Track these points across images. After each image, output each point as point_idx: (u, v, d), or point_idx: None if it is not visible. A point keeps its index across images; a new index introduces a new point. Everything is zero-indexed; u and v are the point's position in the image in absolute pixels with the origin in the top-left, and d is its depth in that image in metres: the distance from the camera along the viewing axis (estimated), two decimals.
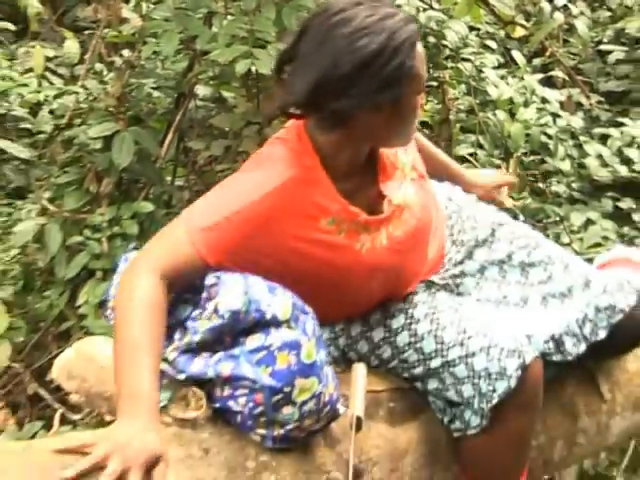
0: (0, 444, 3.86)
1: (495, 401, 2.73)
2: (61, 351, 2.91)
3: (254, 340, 2.51)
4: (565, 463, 3.40)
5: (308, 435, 2.61)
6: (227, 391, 2.53)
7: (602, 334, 3.00)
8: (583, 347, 2.97)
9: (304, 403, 2.52)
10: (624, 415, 3.30)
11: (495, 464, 2.85)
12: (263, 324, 2.51)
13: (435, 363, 2.82)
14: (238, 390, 2.51)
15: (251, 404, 2.50)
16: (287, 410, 2.51)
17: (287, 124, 2.78)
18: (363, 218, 2.74)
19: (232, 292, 2.49)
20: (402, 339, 2.88)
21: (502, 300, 3.05)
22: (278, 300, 2.53)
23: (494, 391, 2.73)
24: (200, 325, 2.50)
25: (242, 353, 2.49)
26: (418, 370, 2.87)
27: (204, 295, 2.51)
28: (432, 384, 2.87)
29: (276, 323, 2.51)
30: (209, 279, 2.51)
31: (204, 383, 2.54)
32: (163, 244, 2.56)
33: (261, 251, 2.59)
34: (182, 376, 2.52)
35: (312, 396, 2.52)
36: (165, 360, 2.51)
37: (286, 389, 2.48)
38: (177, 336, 2.53)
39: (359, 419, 2.60)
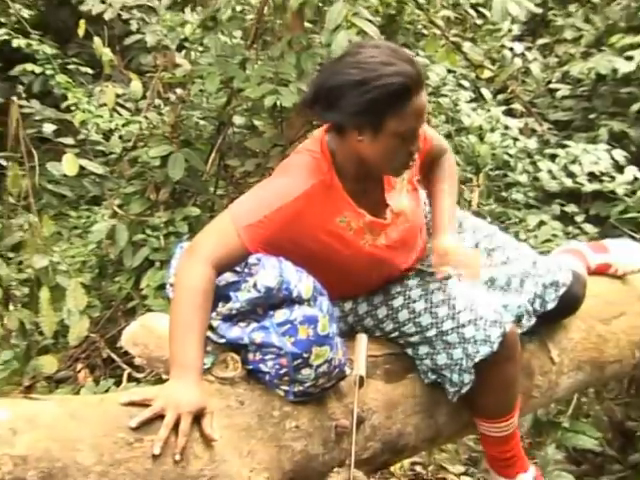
0: (81, 397, 3.86)
1: (477, 359, 2.77)
2: (128, 324, 2.90)
3: (281, 315, 2.53)
4: (523, 412, 3.39)
5: (321, 391, 2.62)
6: (258, 356, 2.54)
7: (550, 306, 3.06)
8: (534, 320, 3.02)
9: (319, 366, 2.53)
10: (570, 374, 3.28)
11: (495, 405, 2.91)
12: (289, 301, 2.53)
13: (430, 333, 2.83)
14: (267, 355, 2.52)
15: (277, 366, 2.52)
16: (305, 371, 2.52)
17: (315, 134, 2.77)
18: (368, 219, 2.72)
19: (269, 272, 2.51)
20: (402, 315, 2.88)
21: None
22: (303, 283, 2.55)
23: (477, 352, 2.76)
24: (241, 295, 2.52)
25: (271, 325, 2.52)
26: (414, 338, 2.87)
27: (246, 271, 2.53)
28: (424, 349, 2.87)
29: (300, 301, 2.53)
30: (251, 259, 2.53)
31: (240, 349, 2.56)
32: (214, 237, 2.56)
33: (291, 240, 2.58)
34: (223, 340, 2.55)
35: (325, 361, 2.53)
36: (210, 327, 2.54)
37: (305, 355, 2.50)
38: (220, 305, 2.54)
39: (362, 378, 2.61)
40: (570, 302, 3.18)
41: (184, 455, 2.27)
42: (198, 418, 2.33)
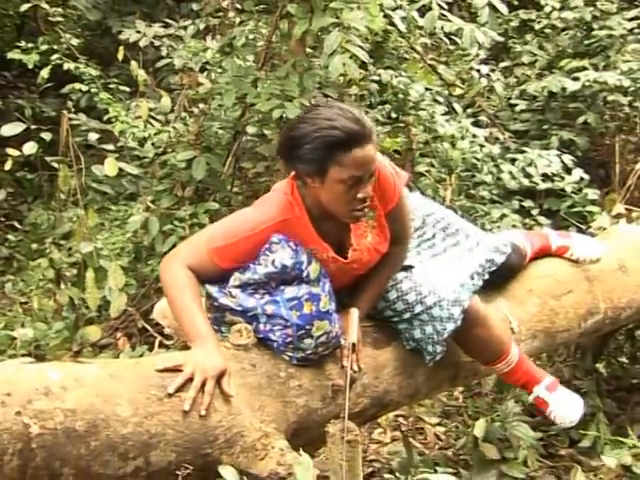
0: (120, 360, 3.85)
1: (445, 335, 2.81)
2: (159, 300, 2.89)
3: (290, 291, 2.54)
4: (488, 373, 3.39)
5: (320, 358, 2.62)
6: (268, 326, 2.55)
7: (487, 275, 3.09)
8: (481, 282, 3.05)
9: (319, 337, 2.55)
10: (526, 342, 3.28)
11: (484, 355, 3.03)
12: (299, 279, 2.54)
13: (406, 315, 2.84)
14: (275, 326, 2.53)
15: (284, 336, 2.52)
16: (307, 341, 2.53)
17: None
18: (331, 255, 2.68)
19: (287, 252, 2.53)
20: (381, 304, 2.87)
21: (435, 260, 3.05)
22: (312, 265, 2.57)
23: (444, 329, 2.79)
24: (259, 268, 2.53)
25: (281, 300, 2.53)
26: (394, 319, 2.88)
27: (266, 246, 2.54)
28: (402, 326, 2.88)
29: (307, 281, 2.55)
30: (274, 238, 2.54)
31: (252, 321, 2.56)
32: (191, 249, 2.61)
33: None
34: (240, 308, 2.56)
35: (324, 332, 2.55)
36: (230, 295, 2.56)
37: (308, 327, 2.52)
38: (237, 273, 2.56)
39: (354, 344, 2.61)
40: (508, 267, 3.21)
41: (208, 410, 2.30)
42: (218, 378, 2.35)
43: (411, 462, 3.43)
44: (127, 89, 6.65)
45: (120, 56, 6.28)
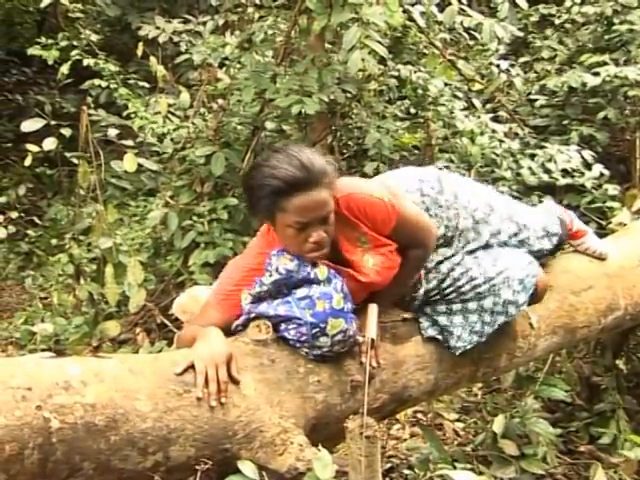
0: (139, 355, 3.87)
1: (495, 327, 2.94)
2: (178, 295, 2.90)
3: (301, 291, 2.54)
4: (507, 369, 3.38)
5: (337, 355, 2.61)
6: (283, 326, 2.55)
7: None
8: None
9: (334, 335, 2.53)
10: (546, 338, 3.25)
11: None
12: (308, 281, 2.54)
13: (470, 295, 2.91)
14: (290, 325, 2.52)
15: (298, 334, 2.53)
16: (323, 339, 2.52)
17: None
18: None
19: (287, 258, 2.54)
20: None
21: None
22: (318, 267, 2.57)
23: (495, 321, 2.94)
24: (265, 279, 2.56)
25: (293, 300, 2.53)
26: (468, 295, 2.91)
27: (268, 260, 2.57)
28: (442, 306, 2.95)
29: (317, 282, 2.55)
30: (272, 252, 2.57)
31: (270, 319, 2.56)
32: (201, 317, 2.68)
33: None
34: (252, 314, 2.57)
35: (340, 331, 2.53)
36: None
37: (322, 325, 2.51)
38: (246, 291, 2.60)
39: (373, 340, 2.60)
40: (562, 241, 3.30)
41: (226, 401, 2.32)
42: (228, 363, 2.39)
43: (440, 451, 3.38)
44: (146, 85, 6.68)
45: (139, 52, 6.31)
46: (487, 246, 3.00)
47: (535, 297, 3.00)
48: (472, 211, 3.00)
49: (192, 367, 2.34)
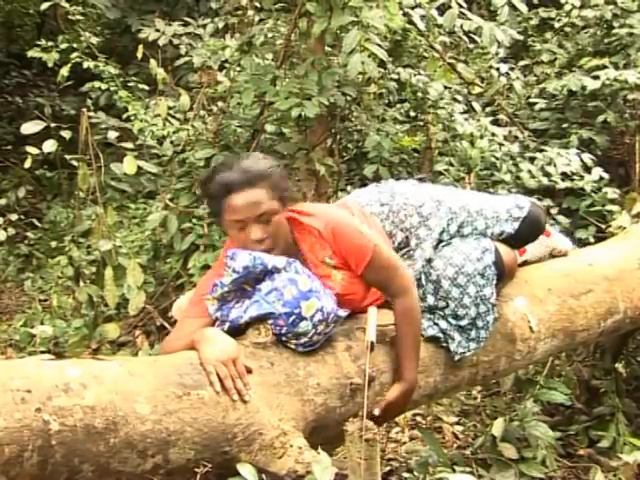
0: (138, 358, 3.87)
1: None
2: (177, 298, 2.90)
3: (266, 286, 2.56)
4: (506, 372, 3.38)
5: (326, 337, 2.63)
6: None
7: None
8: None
9: (313, 316, 2.53)
10: (545, 341, 3.26)
11: None
12: (268, 273, 2.57)
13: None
14: (268, 322, 2.54)
15: (277, 327, 2.54)
16: (303, 324, 2.53)
17: None
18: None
19: (242, 256, 2.57)
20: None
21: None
22: (274, 257, 2.60)
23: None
24: (224, 279, 2.59)
25: (260, 297, 2.55)
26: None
27: (226, 261, 2.60)
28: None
29: (277, 270, 2.57)
30: (229, 252, 2.61)
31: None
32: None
33: None
34: (227, 325, 2.60)
35: (317, 310, 2.54)
36: (215, 319, 2.63)
37: (296, 311, 2.52)
38: (210, 296, 2.63)
39: (372, 343, 2.59)
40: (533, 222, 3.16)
41: (235, 400, 2.35)
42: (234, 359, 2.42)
43: (439, 454, 3.37)
44: (146, 87, 6.67)
45: (139, 54, 6.29)
46: (441, 241, 3.00)
47: (504, 276, 3.04)
48: (418, 207, 3.02)
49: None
